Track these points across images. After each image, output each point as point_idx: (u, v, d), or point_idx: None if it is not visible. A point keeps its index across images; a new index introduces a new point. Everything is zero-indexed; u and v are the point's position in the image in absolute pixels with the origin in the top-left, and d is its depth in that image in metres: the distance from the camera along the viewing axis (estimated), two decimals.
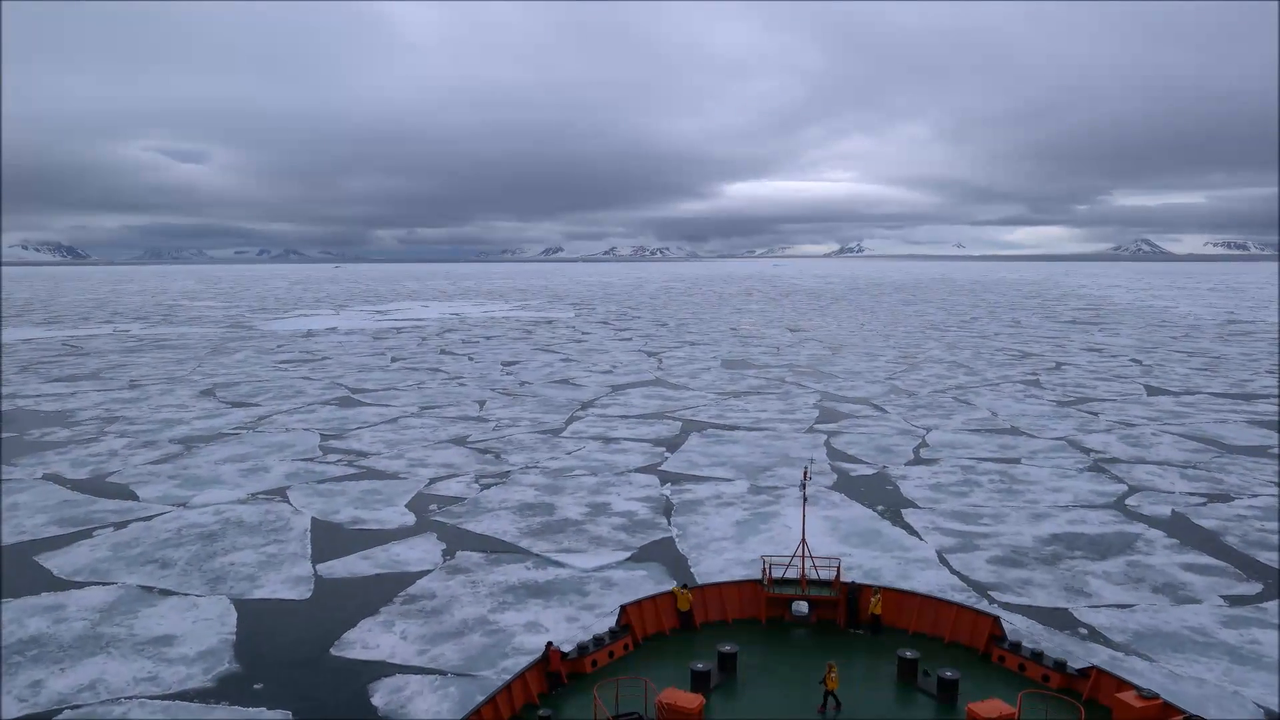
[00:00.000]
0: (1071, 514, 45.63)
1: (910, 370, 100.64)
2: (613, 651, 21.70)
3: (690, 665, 20.04)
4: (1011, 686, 19.71)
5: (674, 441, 63.70)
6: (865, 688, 19.94)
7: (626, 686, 19.34)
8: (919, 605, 23.47)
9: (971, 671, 20.49)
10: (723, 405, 78.19)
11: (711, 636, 22.56)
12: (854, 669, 20.81)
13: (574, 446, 62.01)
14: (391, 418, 72.97)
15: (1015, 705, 17.79)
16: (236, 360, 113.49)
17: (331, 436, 65.49)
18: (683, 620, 23.56)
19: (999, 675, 20.72)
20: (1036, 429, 67.19)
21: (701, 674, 19.78)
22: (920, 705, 19.36)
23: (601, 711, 17.60)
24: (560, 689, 20.39)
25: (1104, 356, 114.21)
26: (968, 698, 18.55)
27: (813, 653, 21.78)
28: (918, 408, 76.65)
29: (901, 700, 19.62)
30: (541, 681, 20.37)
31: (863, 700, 19.28)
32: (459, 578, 37.54)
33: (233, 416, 73.74)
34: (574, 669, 20.96)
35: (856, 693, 19.53)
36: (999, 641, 21.76)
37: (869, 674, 20.76)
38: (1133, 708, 17.96)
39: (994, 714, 17.01)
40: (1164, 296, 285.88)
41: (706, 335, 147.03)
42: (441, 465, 56.72)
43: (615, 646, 21.83)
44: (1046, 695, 19.04)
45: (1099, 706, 19.24)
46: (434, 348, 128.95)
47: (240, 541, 41.59)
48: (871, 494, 49.70)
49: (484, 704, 18.77)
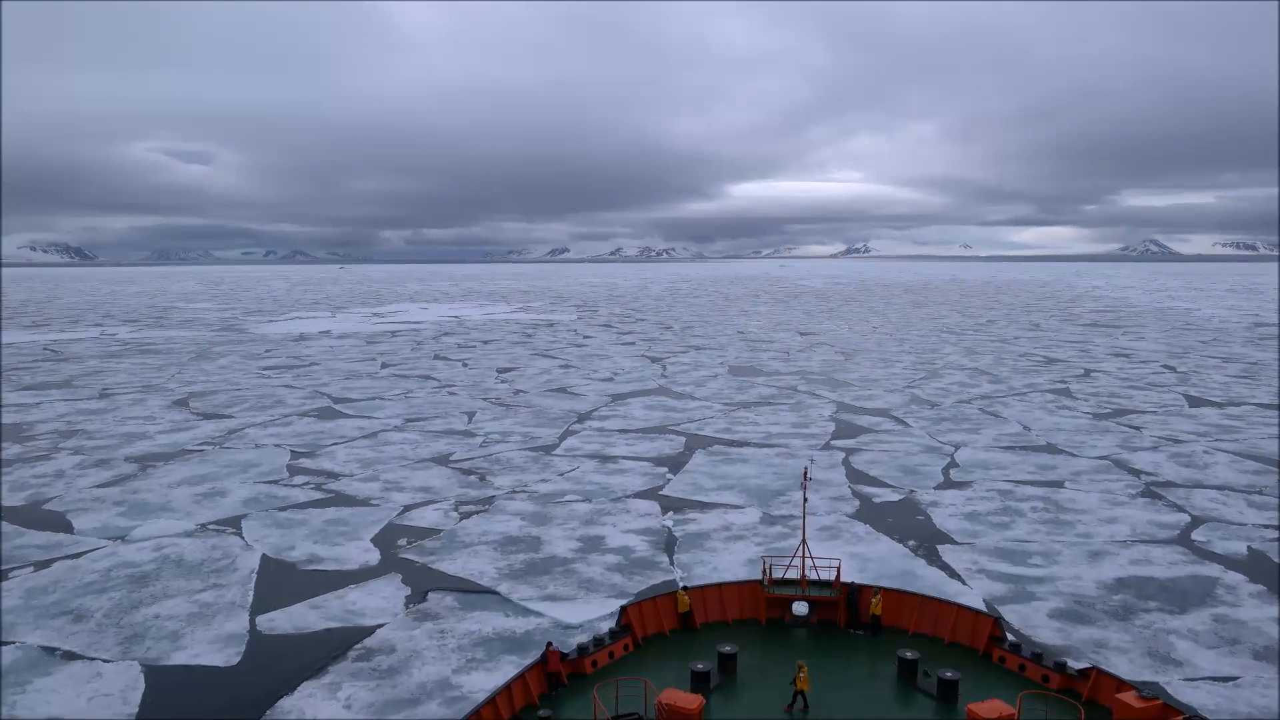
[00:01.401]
0: (1133, 551, 39.73)
1: (930, 378, 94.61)
2: (613, 652, 21.47)
3: (690, 665, 19.83)
4: (1011, 687, 19.48)
5: (677, 460, 57.95)
6: (865, 688, 19.89)
7: (626, 687, 19.15)
8: (919, 605, 23.23)
9: (971, 672, 20.25)
10: (731, 417, 72.39)
11: (711, 637, 22.30)
12: (854, 669, 20.80)
13: (567, 466, 56.27)
14: (372, 431, 67.33)
15: (1015, 706, 17.57)
16: (219, 366, 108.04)
17: (303, 454, 59.85)
18: (683, 621, 23.33)
19: (999, 676, 20.48)
20: (1075, 446, 61.21)
21: (701, 674, 19.58)
22: (920, 706, 19.14)
23: (601, 712, 17.45)
24: (560, 689, 20.19)
25: (1133, 362, 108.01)
26: (968, 698, 18.31)
27: (813, 653, 21.48)
28: (942, 420, 70.73)
29: (901, 700, 19.41)
30: (541, 682, 20.15)
31: (863, 700, 19.17)
32: (423, 629, 32.04)
33: (200, 430, 68.17)
34: (574, 669, 20.75)
35: (856, 693, 19.53)
36: (999, 642, 21.48)
37: (869, 674, 20.63)
38: (1133, 708, 17.73)
39: (994, 714, 16.75)
40: (1182, 298, 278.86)
41: (713, 339, 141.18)
42: (419, 489, 51.04)
43: (615, 647, 21.60)
44: (1046, 696, 18.90)
45: (1099, 707, 19.01)
46: (428, 353, 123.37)
47: (173, 587, 35.91)
48: (901, 525, 43.87)
49: (484, 704, 18.58)
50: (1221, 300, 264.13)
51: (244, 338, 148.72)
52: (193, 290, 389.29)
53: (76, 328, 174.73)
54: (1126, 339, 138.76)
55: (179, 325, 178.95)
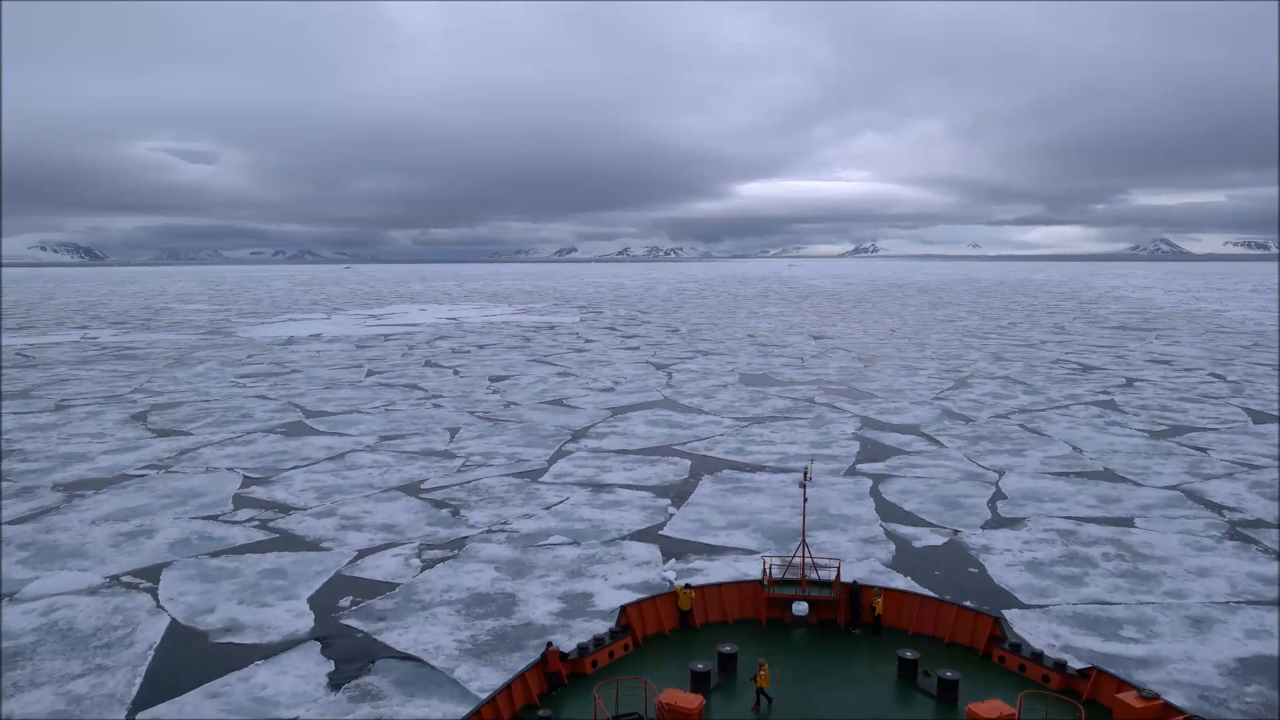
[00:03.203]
0: (1244, 618, 32.13)
1: (959, 388, 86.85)
2: (613, 652, 21.25)
3: (690, 665, 19.52)
4: (1012, 687, 19.21)
5: (682, 489, 50.57)
6: (865, 688, 19.60)
7: (626, 687, 18.91)
8: (919, 605, 22.99)
9: (972, 672, 19.99)
10: (742, 435, 64.90)
11: (711, 637, 22.15)
12: (854, 669, 20.60)
13: (555, 497, 48.92)
14: (340, 452, 60.06)
15: (1015, 706, 17.27)
16: (193, 374, 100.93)
17: (256, 480, 52.63)
18: (683, 620, 23.11)
19: (999, 675, 20.25)
20: (1137, 472, 53.54)
21: (701, 674, 19.28)
22: (920, 705, 18.76)
23: (601, 712, 17.16)
24: (560, 689, 19.92)
25: (1176, 370, 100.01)
26: (968, 698, 17.96)
27: (813, 653, 21.49)
28: (979, 439, 63.08)
29: (902, 700, 19.05)
30: (541, 682, 19.85)
31: (863, 700, 18.88)
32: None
33: (149, 450, 60.97)
34: (574, 669, 20.53)
35: (857, 693, 19.26)
36: (999, 642, 21.29)
37: (869, 674, 20.36)
38: (1133, 708, 17.39)
39: (994, 714, 16.44)
40: (1206, 299, 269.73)
41: (721, 343, 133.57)
42: (380, 527, 43.72)
43: (615, 647, 21.37)
44: (1047, 696, 18.59)
45: (1099, 707, 18.67)
46: (419, 359, 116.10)
47: (44, 670, 28.59)
48: (951, 579, 36.33)
49: (484, 704, 18.29)
50: (1248, 301, 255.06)
51: (228, 341, 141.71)
52: (192, 290, 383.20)
53: (60, 330, 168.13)
54: (1161, 343, 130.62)
55: (166, 328, 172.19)
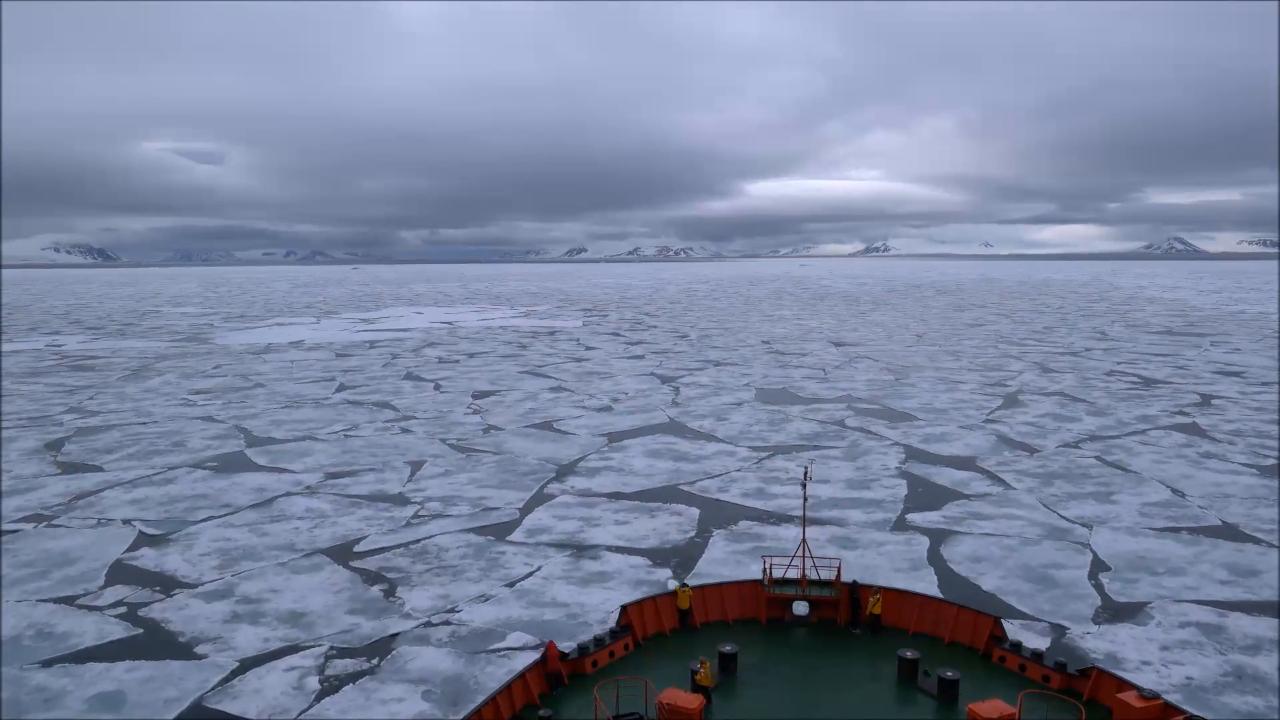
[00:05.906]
0: None
1: (1011, 407, 75.32)
2: (613, 651, 20.83)
3: (690, 665, 18.96)
4: (1012, 687, 18.91)
5: (687, 552, 39.53)
6: (865, 687, 19.32)
7: (627, 687, 18.63)
8: (919, 605, 22.54)
9: (972, 671, 19.68)
10: (763, 471, 53.74)
11: (712, 636, 21.70)
12: (854, 669, 20.39)
13: (524, 567, 37.88)
14: (271, 496, 49.20)
15: (1016, 705, 16.92)
16: (144, 389, 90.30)
17: (150, 540, 41.80)
18: (683, 620, 22.74)
19: (999, 675, 19.90)
20: (1264, 528, 42.16)
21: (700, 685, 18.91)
22: (920, 705, 18.47)
23: (602, 712, 16.98)
24: (560, 689, 19.60)
25: (1253, 384, 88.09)
26: (968, 698, 17.72)
27: (813, 653, 21.20)
28: (1053, 477, 51.71)
29: (902, 700, 18.74)
30: (541, 681, 19.53)
31: (863, 700, 18.65)
32: None
33: (40, 493, 50.25)
34: (574, 669, 20.19)
35: (857, 692, 19.07)
36: (999, 642, 20.88)
37: (869, 674, 20.00)
38: (1133, 708, 17.27)
39: (994, 714, 16.21)
40: (1245, 300, 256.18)
41: (734, 351, 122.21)
42: (283, 618, 32.76)
43: (615, 646, 20.93)
44: (1047, 695, 18.28)
45: (1099, 707, 18.44)
46: (400, 370, 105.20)
47: None
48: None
49: (484, 704, 18.11)
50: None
51: (200, 350, 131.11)
52: (189, 293, 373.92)
53: (29, 337, 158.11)
54: (1220, 351, 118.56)
55: (141, 334, 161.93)
